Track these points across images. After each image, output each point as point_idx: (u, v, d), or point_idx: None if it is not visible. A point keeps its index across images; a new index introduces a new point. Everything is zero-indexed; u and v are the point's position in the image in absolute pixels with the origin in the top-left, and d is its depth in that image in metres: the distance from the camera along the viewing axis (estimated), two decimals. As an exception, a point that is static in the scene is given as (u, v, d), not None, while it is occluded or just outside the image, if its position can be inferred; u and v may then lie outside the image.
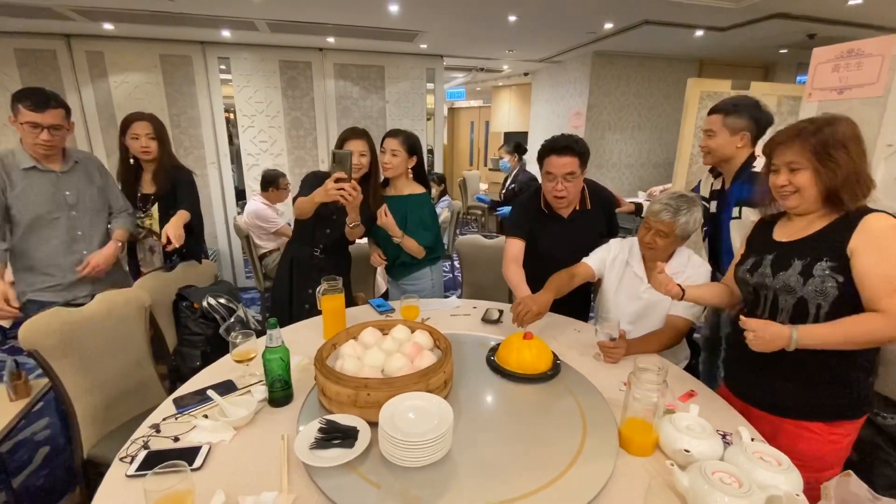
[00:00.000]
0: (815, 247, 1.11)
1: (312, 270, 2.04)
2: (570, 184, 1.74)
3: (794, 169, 1.11)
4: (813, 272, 1.09)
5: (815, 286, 1.09)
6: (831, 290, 1.08)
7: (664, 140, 5.08)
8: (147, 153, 2.10)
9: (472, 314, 1.91)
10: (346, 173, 1.68)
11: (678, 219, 1.55)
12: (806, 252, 1.12)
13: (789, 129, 1.14)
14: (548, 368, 1.38)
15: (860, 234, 1.05)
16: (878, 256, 1.03)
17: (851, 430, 1.20)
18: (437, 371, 1.18)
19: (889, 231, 1.04)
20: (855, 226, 1.06)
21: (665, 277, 1.38)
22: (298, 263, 2.07)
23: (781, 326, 1.08)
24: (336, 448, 1.01)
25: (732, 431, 1.12)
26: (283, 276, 2.12)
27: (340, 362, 1.26)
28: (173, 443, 1.10)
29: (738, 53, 4.63)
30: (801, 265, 1.12)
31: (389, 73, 4.46)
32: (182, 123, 4.08)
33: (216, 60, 4.04)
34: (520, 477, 0.96)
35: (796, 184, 1.11)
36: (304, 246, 2.06)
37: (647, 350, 1.57)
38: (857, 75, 1.76)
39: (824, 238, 1.11)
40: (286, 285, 2.10)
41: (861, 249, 1.04)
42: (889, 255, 1.02)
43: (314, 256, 2.06)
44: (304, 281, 2.06)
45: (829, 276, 1.08)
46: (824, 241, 1.11)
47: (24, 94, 1.74)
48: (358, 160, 1.90)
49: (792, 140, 1.10)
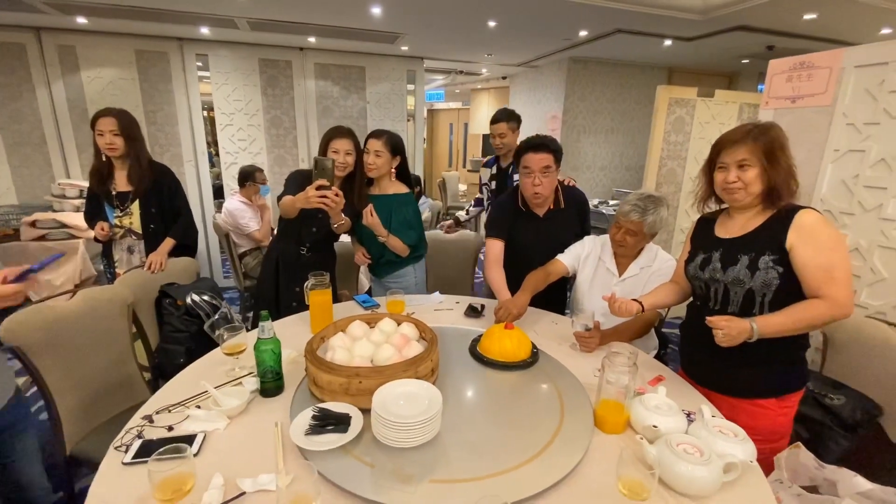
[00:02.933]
0: (757, 242, 1.23)
1: (300, 269, 2.05)
2: (546, 178, 1.85)
3: (744, 166, 1.21)
4: (758, 266, 1.21)
5: (761, 278, 1.21)
6: (774, 281, 1.20)
7: (636, 143, 5.28)
8: (112, 150, 2.06)
9: (454, 308, 1.98)
10: (328, 180, 1.69)
11: (646, 218, 1.66)
12: (750, 248, 1.24)
13: (738, 130, 1.24)
14: (527, 356, 1.46)
15: (795, 230, 1.17)
16: (813, 249, 1.15)
17: (796, 402, 1.34)
18: (424, 359, 1.24)
19: (817, 224, 1.17)
20: (789, 222, 1.18)
21: (621, 303, 1.47)
22: (285, 262, 2.09)
23: (743, 321, 1.17)
24: (330, 434, 1.06)
25: (695, 410, 1.23)
26: (268, 274, 2.13)
27: (331, 353, 1.30)
28: (167, 432, 1.13)
29: (704, 62, 4.86)
30: (748, 260, 1.23)
31: (370, 74, 4.49)
32: (158, 120, 4.01)
33: (194, 57, 3.99)
34: (504, 454, 1.04)
35: (745, 180, 1.21)
36: (291, 244, 2.08)
37: (620, 339, 1.67)
38: (808, 85, 1.91)
39: (764, 234, 1.23)
40: (272, 283, 2.11)
41: (798, 244, 1.16)
42: (822, 246, 1.15)
43: (301, 255, 2.08)
44: (290, 279, 2.08)
45: (771, 269, 1.20)
46: (764, 236, 1.23)
47: None
48: (343, 159, 1.93)
49: (744, 140, 1.20)
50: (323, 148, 1.97)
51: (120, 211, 2.15)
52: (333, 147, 1.94)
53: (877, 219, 1.72)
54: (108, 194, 2.13)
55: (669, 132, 3.22)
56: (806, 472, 1.19)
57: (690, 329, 1.47)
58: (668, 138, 3.23)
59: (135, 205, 2.15)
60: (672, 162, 3.31)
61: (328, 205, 1.71)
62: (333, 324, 1.50)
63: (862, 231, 1.77)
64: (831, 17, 3.06)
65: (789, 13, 3.06)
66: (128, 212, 2.15)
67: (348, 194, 2.01)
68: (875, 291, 1.74)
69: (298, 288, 2.02)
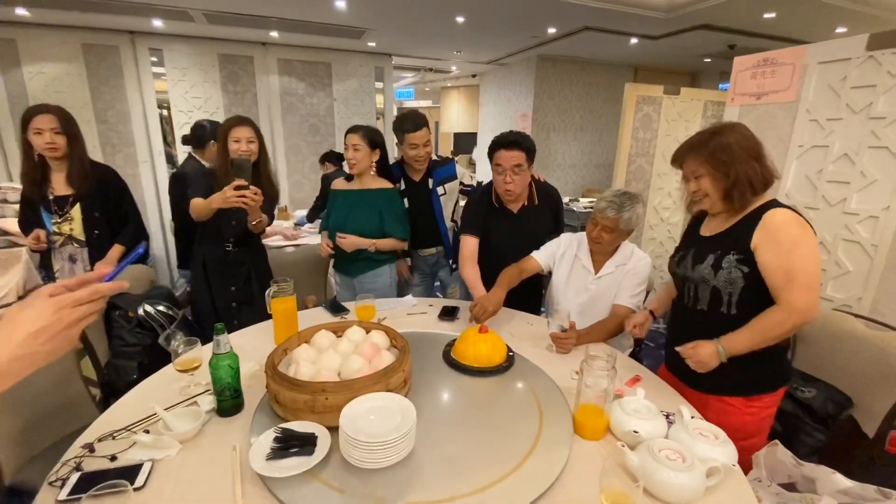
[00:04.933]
0: (725, 242, 1.23)
1: (230, 267, 1.99)
2: (517, 176, 1.81)
3: (698, 177, 1.24)
4: (722, 265, 1.21)
5: (724, 277, 1.21)
6: (738, 280, 1.19)
7: (604, 141, 5.34)
8: (54, 150, 1.89)
9: (428, 312, 1.91)
10: (245, 179, 1.70)
11: (622, 215, 1.64)
12: (717, 247, 1.24)
13: (686, 143, 1.27)
14: (503, 361, 1.41)
15: (760, 230, 1.16)
16: (775, 249, 1.13)
17: (770, 403, 1.31)
18: (396, 370, 1.17)
19: (784, 225, 1.13)
20: (758, 222, 1.17)
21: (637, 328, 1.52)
22: (212, 263, 2.00)
23: (707, 345, 1.19)
24: (294, 457, 0.98)
25: (675, 411, 1.20)
26: (198, 281, 2.03)
27: (294, 367, 1.21)
28: (110, 462, 1.01)
29: (668, 61, 4.96)
30: (713, 258, 1.24)
31: (337, 71, 4.36)
32: (109, 119, 3.77)
33: (147, 52, 3.77)
34: (482, 469, 0.98)
35: (702, 189, 1.24)
36: (213, 244, 1.99)
37: (595, 339, 1.65)
38: (772, 82, 1.94)
39: (732, 234, 1.23)
40: (205, 290, 2.01)
41: (761, 244, 1.15)
42: (783, 248, 1.12)
43: (228, 252, 1.99)
44: (222, 279, 2.00)
45: (735, 268, 1.19)
46: (732, 236, 1.23)
47: None
48: (246, 146, 1.89)
49: (688, 152, 1.24)
50: (223, 138, 1.89)
51: (59, 217, 1.97)
52: (234, 136, 1.88)
53: (840, 213, 1.76)
54: (44, 199, 1.95)
55: (637, 129, 3.25)
56: (784, 469, 1.19)
57: (672, 324, 1.50)
58: (637, 135, 3.26)
59: (76, 209, 1.97)
60: (640, 159, 3.34)
61: (248, 203, 1.70)
62: (297, 334, 1.41)
63: (826, 225, 1.81)
64: (790, 15, 3.15)
65: (749, 12, 3.14)
66: (67, 217, 1.98)
67: (258, 181, 1.95)
68: (840, 284, 1.78)
69: (234, 288, 1.96)
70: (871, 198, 1.68)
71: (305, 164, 4.42)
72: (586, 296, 1.81)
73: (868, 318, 1.61)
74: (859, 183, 1.70)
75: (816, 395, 1.56)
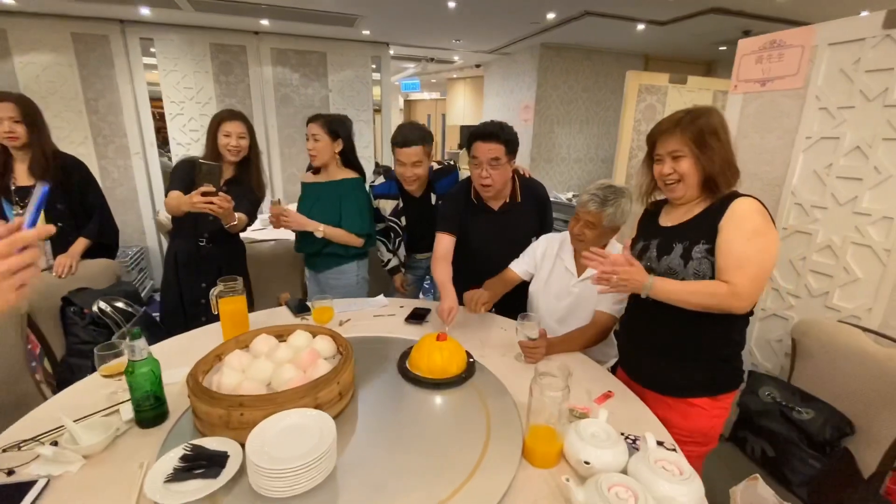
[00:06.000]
0: (692, 231, 1.18)
1: (201, 262, 1.91)
2: (495, 171, 1.67)
3: (677, 157, 1.16)
4: (692, 255, 1.16)
5: (693, 267, 1.15)
6: (707, 271, 1.14)
7: (611, 135, 5.11)
8: (13, 139, 1.84)
9: (397, 314, 1.79)
10: (214, 185, 1.62)
11: (605, 209, 1.50)
12: (686, 236, 1.19)
13: (669, 119, 1.19)
14: (460, 371, 1.28)
15: (727, 216, 1.12)
16: (734, 233, 1.10)
17: (729, 403, 1.28)
18: (328, 382, 1.05)
19: (749, 213, 1.11)
20: (724, 210, 1.13)
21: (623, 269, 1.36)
22: (184, 257, 1.91)
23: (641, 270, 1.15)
24: (198, 479, 0.88)
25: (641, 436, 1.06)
26: (168, 276, 1.95)
27: (218, 377, 1.11)
28: (7, 476, 0.93)
29: (681, 50, 4.71)
30: (682, 248, 1.18)
31: (332, 60, 4.25)
32: (100, 109, 3.72)
33: (138, 41, 3.71)
34: (411, 496, 0.86)
35: (680, 171, 1.17)
36: (188, 238, 1.91)
37: (570, 348, 1.51)
38: (779, 66, 1.75)
39: (700, 222, 1.17)
40: (174, 285, 1.92)
41: (723, 228, 1.12)
42: (743, 233, 1.09)
43: (200, 247, 1.91)
44: (192, 276, 1.92)
45: (704, 259, 1.14)
46: (700, 225, 1.17)
47: None
48: (237, 142, 1.84)
49: (673, 129, 1.16)
50: (213, 131, 1.82)
51: (20, 208, 1.91)
52: (225, 130, 1.81)
53: (850, 213, 1.57)
54: (5, 189, 1.89)
55: (640, 121, 3.06)
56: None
57: (626, 325, 1.42)
58: (639, 127, 3.07)
59: None
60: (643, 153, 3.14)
61: (215, 211, 1.63)
62: (235, 339, 1.30)
63: (834, 226, 1.62)
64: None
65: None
66: None
67: (245, 179, 1.92)
68: (848, 293, 1.60)
69: (205, 284, 1.87)
70: (885, 196, 1.49)
71: (300, 157, 4.33)
72: (568, 300, 1.67)
73: (877, 333, 1.44)
74: (873, 179, 1.51)
75: (814, 416, 1.40)
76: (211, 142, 1.84)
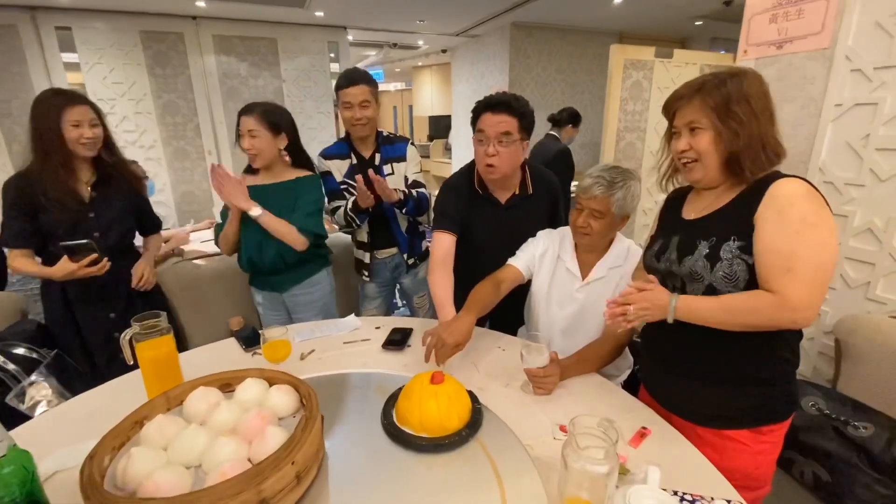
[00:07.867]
0: (722, 224, 0.94)
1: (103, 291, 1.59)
2: (505, 149, 1.38)
3: (695, 129, 0.94)
4: (720, 255, 0.92)
5: (723, 271, 0.91)
6: (742, 274, 0.90)
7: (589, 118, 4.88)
8: None
9: (372, 338, 1.49)
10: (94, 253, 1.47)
11: (614, 193, 1.25)
12: (712, 231, 0.95)
13: (691, 83, 0.95)
14: (462, 424, 0.98)
15: (764, 204, 0.88)
16: (776, 227, 0.86)
17: (779, 436, 1.02)
18: (277, 465, 0.74)
19: (794, 198, 0.86)
20: (762, 196, 0.89)
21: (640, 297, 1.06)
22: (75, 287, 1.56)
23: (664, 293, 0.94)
24: None
25: (702, 496, 0.81)
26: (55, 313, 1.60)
27: (124, 461, 0.79)
28: None
29: (656, 25, 4.54)
30: (708, 247, 0.94)
31: (284, 47, 3.84)
32: (13, 111, 3.22)
33: (53, 31, 3.21)
34: None
35: (697, 148, 0.94)
36: None
37: (586, 370, 1.26)
38: (799, 25, 1.53)
39: (731, 213, 0.94)
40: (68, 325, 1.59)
41: (762, 219, 0.88)
42: (789, 225, 0.85)
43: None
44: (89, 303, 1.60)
45: (737, 259, 0.90)
46: (732, 216, 0.94)
47: None
48: (91, 132, 1.49)
49: (692, 96, 0.93)
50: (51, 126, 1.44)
51: None
52: (71, 119, 1.44)
53: (895, 190, 1.37)
54: None
55: (626, 100, 2.82)
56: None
57: (647, 335, 1.16)
58: (626, 107, 2.84)
59: None
60: (630, 134, 2.92)
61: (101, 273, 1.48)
62: (164, 395, 0.98)
63: (875, 206, 1.41)
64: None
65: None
66: None
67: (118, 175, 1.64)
68: (893, 283, 1.39)
69: (114, 314, 1.59)
70: (934, 168, 1.29)
71: (254, 156, 3.93)
72: (573, 307, 1.42)
73: (941, 328, 1.23)
74: (918, 149, 1.31)
75: (875, 432, 1.18)
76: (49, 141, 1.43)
